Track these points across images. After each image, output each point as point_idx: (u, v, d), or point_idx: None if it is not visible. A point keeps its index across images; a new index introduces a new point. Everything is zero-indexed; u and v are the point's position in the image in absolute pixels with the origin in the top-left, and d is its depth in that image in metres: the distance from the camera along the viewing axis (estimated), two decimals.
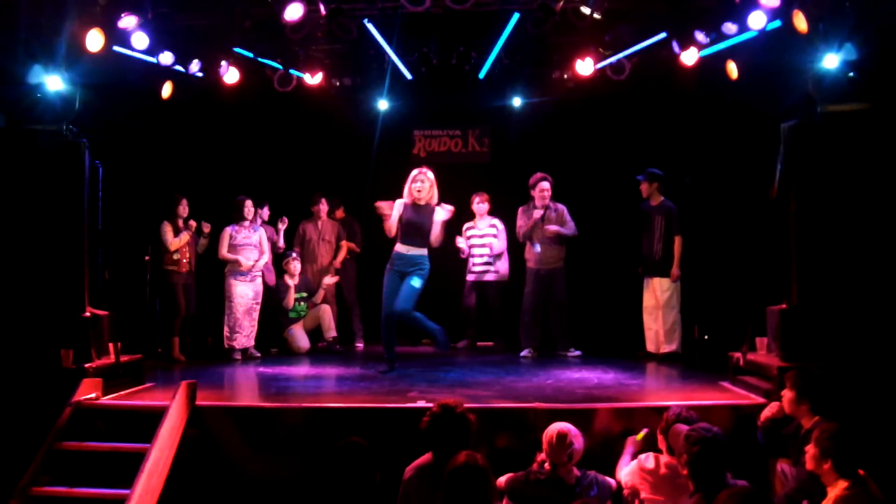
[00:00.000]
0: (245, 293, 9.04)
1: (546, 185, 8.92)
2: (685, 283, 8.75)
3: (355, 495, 3.97)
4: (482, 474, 3.97)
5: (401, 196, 7.61)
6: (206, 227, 9.13)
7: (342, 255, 10.15)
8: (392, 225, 7.53)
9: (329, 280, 9.87)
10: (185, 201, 9.10)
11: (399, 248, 7.63)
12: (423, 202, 7.52)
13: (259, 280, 9.19)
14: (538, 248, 8.95)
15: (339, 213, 10.29)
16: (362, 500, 3.99)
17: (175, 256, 8.94)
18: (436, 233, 7.55)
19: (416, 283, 7.55)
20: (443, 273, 10.23)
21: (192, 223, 9.04)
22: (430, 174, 7.60)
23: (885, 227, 6.10)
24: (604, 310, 9.75)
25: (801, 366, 5.42)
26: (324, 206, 10.10)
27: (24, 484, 5.29)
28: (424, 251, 7.63)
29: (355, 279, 10.28)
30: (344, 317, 10.29)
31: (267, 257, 9.35)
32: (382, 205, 7.55)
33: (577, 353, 8.99)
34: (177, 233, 8.95)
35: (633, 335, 9.14)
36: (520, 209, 9.14)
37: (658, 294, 8.72)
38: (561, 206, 9.03)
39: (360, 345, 10.14)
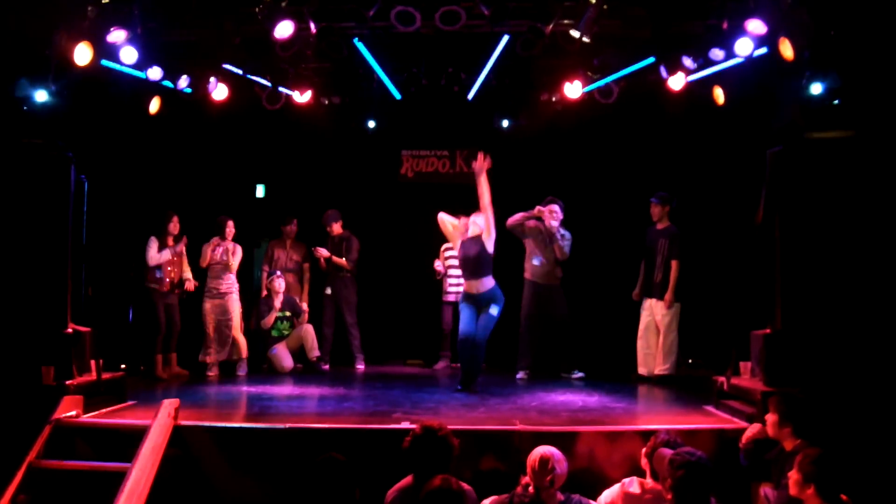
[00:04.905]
0: (213, 310, 9.11)
1: (556, 207, 8.85)
2: (683, 307, 8.76)
3: None
4: (457, 498, 3.95)
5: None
6: (191, 286, 9.14)
7: (307, 278, 10.15)
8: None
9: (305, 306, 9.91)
10: (176, 218, 9.07)
11: (468, 287, 7.87)
12: (470, 235, 7.83)
13: (231, 297, 9.21)
14: (537, 261, 8.92)
15: (337, 229, 10.00)
16: None
17: (158, 275, 8.90)
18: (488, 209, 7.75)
19: (495, 311, 7.82)
20: (421, 294, 10.28)
21: (184, 239, 9.05)
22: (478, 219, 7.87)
23: (868, 253, 6.13)
24: (590, 332, 9.74)
25: (783, 390, 5.43)
26: (293, 228, 10.05)
27: (2, 502, 5.20)
28: (492, 281, 7.84)
29: (356, 300, 10.04)
30: (341, 338, 10.05)
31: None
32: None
33: (581, 374, 8.91)
34: (162, 249, 8.92)
35: (619, 358, 9.14)
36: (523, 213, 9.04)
37: (657, 317, 8.72)
38: (567, 234, 8.98)
39: (360, 366, 9.90)
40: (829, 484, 4.22)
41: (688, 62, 7.74)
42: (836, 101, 6.43)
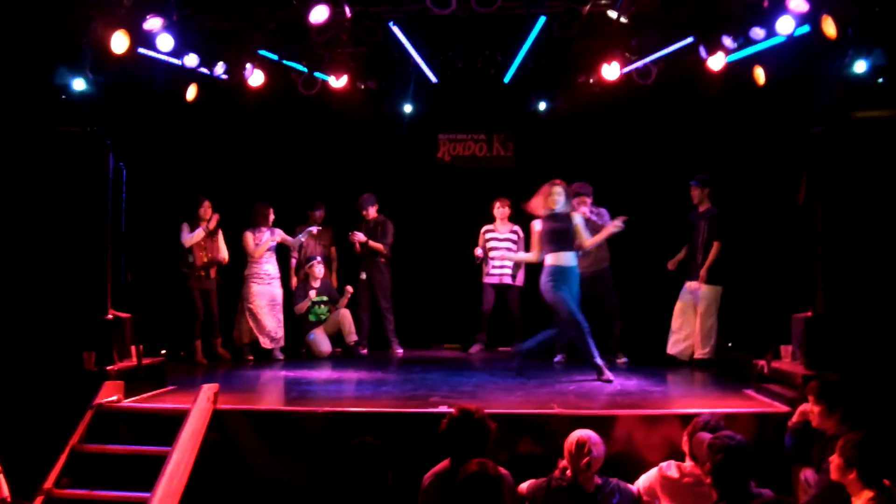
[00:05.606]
0: (262, 295, 9.17)
1: (584, 199, 8.74)
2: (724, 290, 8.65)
3: (367, 495, 3.95)
4: (494, 483, 3.92)
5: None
6: (215, 217, 9.11)
7: (335, 265, 10.14)
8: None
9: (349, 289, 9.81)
10: (207, 203, 9.12)
11: (559, 260, 7.51)
12: (558, 210, 7.55)
13: (276, 283, 9.29)
14: (580, 254, 8.83)
15: (373, 213, 9.90)
16: (374, 501, 3.97)
17: (190, 259, 8.99)
18: (582, 237, 7.61)
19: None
20: (459, 278, 10.25)
21: (216, 216, 9.06)
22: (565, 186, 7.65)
23: None
24: (630, 316, 9.64)
25: (820, 374, 5.34)
26: (321, 213, 10.01)
27: (46, 485, 5.30)
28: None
29: (391, 285, 9.98)
30: (377, 323, 10.00)
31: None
32: None
33: (625, 359, 8.86)
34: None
35: (659, 342, 9.06)
36: None
37: (696, 299, 8.62)
38: (603, 210, 8.87)
39: (399, 351, 9.88)
40: (871, 468, 4.16)
41: (728, 42, 7.64)
42: (880, 80, 6.28)
